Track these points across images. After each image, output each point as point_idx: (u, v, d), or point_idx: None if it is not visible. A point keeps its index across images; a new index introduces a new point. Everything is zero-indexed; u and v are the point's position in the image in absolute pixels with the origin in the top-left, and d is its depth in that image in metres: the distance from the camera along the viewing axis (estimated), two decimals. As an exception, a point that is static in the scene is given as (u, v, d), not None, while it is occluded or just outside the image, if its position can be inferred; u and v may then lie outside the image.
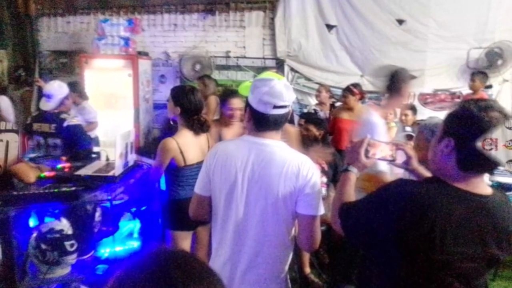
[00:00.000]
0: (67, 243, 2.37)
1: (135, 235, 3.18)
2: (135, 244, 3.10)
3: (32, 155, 3.27)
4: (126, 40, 5.98)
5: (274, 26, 6.42)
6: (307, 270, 3.40)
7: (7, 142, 2.39)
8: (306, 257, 3.38)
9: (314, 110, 5.04)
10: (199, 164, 2.37)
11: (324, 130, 3.52)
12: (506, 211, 1.28)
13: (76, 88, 4.59)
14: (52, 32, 7.07)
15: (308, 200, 1.55)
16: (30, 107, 6.32)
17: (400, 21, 6.01)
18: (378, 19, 6.07)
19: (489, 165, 1.25)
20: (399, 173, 2.01)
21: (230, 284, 1.61)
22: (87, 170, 2.77)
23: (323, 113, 5.02)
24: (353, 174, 1.52)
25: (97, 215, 2.73)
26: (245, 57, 6.58)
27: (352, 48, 6.26)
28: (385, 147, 1.56)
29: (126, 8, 6.72)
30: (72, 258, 2.40)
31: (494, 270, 3.45)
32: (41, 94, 4.32)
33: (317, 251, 3.48)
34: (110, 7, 6.75)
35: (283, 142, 1.64)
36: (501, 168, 3.74)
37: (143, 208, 3.18)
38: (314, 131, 3.40)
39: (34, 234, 2.41)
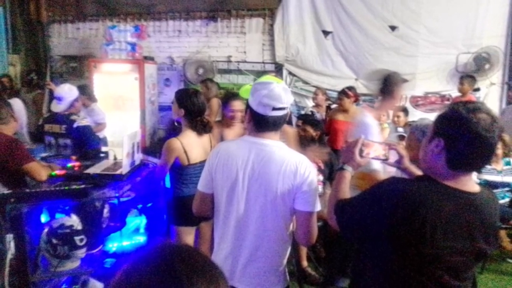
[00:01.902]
0: (76, 238, 2.36)
1: (141, 230, 3.17)
2: (141, 239, 3.09)
3: (43, 155, 3.26)
4: (133, 46, 5.97)
5: (273, 32, 6.41)
6: (305, 263, 3.39)
7: None
8: (304, 251, 3.38)
9: (311, 111, 5.03)
10: (202, 163, 2.36)
11: (320, 130, 3.51)
12: (493, 208, 1.28)
13: (85, 91, 4.58)
14: (63, 38, 7.07)
15: (306, 197, 1.55)
16: (42, 109, 6.31)
17: (393, 28, 6.02)
18: (371, 25, 6.08)
19: (477, 164, 1.25)
20: (392, 171, 2.00)
21: (232, 277, 1.60)
22: (96, 169, 2.77)
23: (320, 115, 5.03)
24: (348, 172, 1.51)
25: (105, 211, 2.71)
26: (245, 61, 6.57)
27: (347, 53, 6.26)
28: (378, 147, 1.56)
29: (133, 15, 6.72)
30: (81, 252, 2.40)
31: (481, 263, 3.45)
32: (52, 97, 4.31)
33: (314, 246, 3.48)
34: (117, 14, 6.75)
35: (281, 142, 1.64)
36: (488, 167, 3.75)
37: (149, 204, 3.18)
38: (311, 131, 3.40)
39: (46, 230, 2.41)
